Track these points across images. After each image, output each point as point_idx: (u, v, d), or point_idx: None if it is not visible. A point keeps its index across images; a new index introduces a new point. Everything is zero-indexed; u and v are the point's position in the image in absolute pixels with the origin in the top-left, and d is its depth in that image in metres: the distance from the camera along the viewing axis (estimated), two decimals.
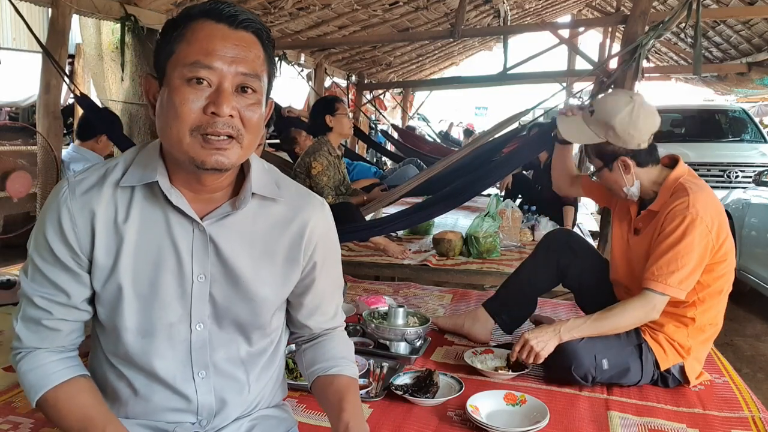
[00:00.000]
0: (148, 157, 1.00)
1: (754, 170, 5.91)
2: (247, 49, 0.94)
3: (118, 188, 0.99)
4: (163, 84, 0.95)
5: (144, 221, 0.99)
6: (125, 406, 1.06)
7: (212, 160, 0.92)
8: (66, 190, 0.98)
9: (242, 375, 1.10)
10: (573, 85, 6.09)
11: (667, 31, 3.38)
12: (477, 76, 8.83)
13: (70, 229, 0.97)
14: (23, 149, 4.07)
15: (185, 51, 0.92)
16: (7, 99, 6.81)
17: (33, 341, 1.01)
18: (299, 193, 1.11)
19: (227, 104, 0.91)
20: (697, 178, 1.89)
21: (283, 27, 5.89)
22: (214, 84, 0.92)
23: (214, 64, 0.91)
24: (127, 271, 0.99)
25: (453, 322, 2.24)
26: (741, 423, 1.64)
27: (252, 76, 0.94)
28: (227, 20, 0.93)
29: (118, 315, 1.01)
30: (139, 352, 1.02)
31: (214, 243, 1.01)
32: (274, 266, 1.07)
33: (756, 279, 3.92)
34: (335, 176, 3.42)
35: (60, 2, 3.18)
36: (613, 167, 1.88)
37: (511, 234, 3.63)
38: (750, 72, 7.64)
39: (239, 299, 1.05)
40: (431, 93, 12.58)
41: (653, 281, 1.74)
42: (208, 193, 1.01)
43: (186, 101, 0.91)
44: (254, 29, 0.96)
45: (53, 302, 1.00)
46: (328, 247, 1.14)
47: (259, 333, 1.10)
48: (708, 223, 1.73)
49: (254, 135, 0.97)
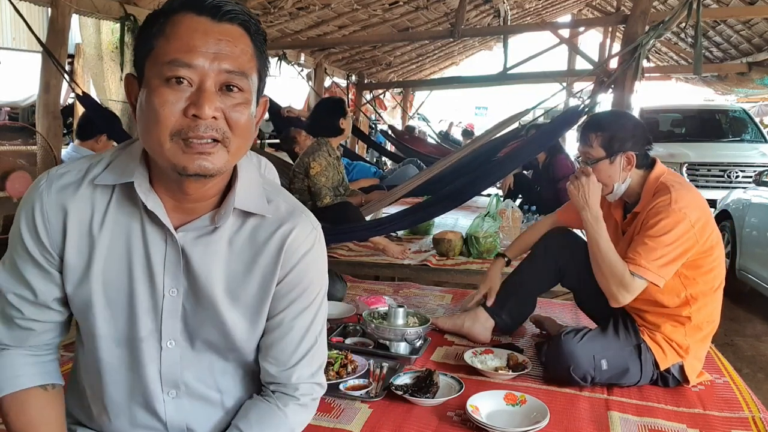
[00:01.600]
0: (129, 156, 0.93)
1: (754, 170, 5.90)
2: (232, 43, 0.85)
3: (97, 188, 0.93)
4: (142, 84, 0.87)
5: (119, 225, 0.93)
6: (99, 420, 1.02)
7: (195, 166, 0.84)
8: (44, 183, 0.92)
9: (216, 395, 1.02)
10: (573, 84, 6.10)
11: (667, 30, 3.38)
12: (477, 76, 8.85)
13: (42, 225, 0.92)
14: (23, 149, 4.07)
15: (164, 48, 0.84)
16: (7, 99, 6.81)
17: (7, 338, 0.97)
18: (290, 211, 0.99)
19: (209, 105, 0.83)
20: (677, 176, 1.90)
21: (283, 27, 5.90)
22: (195, 83, 0.83)
23: (195, 62, 0.83)
24: (99, 277, 0.93)
25: (453, 322, 2.24)
26: (741, 423, 1.63)
27: (238, 73, 0.85)
28: (209, 12, 0.84)
29: (90, 320, 0.95)
30: (110, 361, 0.97)
31: (187, 257, 0.94)
32: (249, 289, 0.97)
33: (756, 279, 3.92)
34: (334, 177, 3.42)
35: (60, 2, 3.18)
36: (614, 160, 1.87)
37: (511, 234, 3.62)
38: (750, 72, 7.65)
39: (208, 320, 0.97)
40: (431, 93, 12.59)
41: (630, 264, 1.76)
42: (191, 202, 0.93)
43: (165, 103, 0.83)
44: (240, 21, 0.87)
45: (23, 300, 0.95)
46: (310, 277, 1.00)
47: (233, 355, 1.01)
48: (692, 218, 1.73)
49: (243, 139, 0.88)
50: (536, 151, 4.04)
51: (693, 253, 1.75)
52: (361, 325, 2.12)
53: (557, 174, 4.72)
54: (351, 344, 2.04)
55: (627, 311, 1.90)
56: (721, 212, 4.59)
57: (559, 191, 4.59)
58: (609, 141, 1.87)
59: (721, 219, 4.49)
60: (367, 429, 1.52)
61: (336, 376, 1.71)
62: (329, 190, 3.34)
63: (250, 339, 1.01)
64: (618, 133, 1.86)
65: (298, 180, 3.39)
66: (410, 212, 3.37)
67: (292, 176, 3.46)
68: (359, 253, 3.43)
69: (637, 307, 1.86)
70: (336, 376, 1.71)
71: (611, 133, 1.87)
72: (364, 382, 1.74)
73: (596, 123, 1.96)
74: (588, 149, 1.90)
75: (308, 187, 3.35)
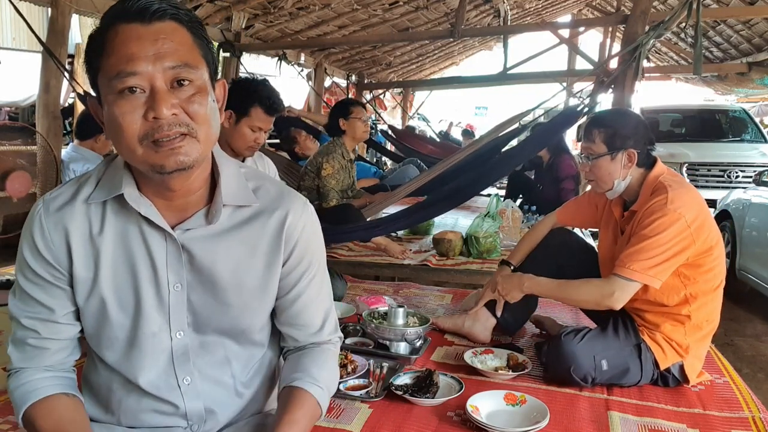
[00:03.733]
0: (114, 170, 0.98)
1: (754, 170, 5.90)
2: (168, 39, 0.87)
3: (91, 204, 0.97)
4: (101, 102, 0.90)
5: (118, 233, 0.98)
6: (117, 413, 1.06)
7: (171, 162, 0.87)
8: (41, 207, 0.97)
9: (229, 379, 1.08)
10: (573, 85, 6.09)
11: (667, 30, 3.38)
12: (477, 76, 8.84)
13: (44, 246, 0.96)
14: (23, 149, 4.07)
15: (107, 64, 0.86)
16: (7, 99, 6.80)
17: (23, 362, 1.01)
18: (280, 193, 1.05)
19: (165, 105, 0.85)
20: (676, 175, 1.90)
21: (283, 27, 5.90)
22: (147, 88, 0.86)
23: (138, 69, 0.85)
24: (108, 283, 0.98)
25: (453, 322, 2.24)
26: (741, 423, 1.63)
27: (182, 66, 0.87)
28: (137, 17, 0.86)
29: (103, 328, 1.00)
30: (125, 362, 1.01)
31: (188, 252, 0.99)
32: (255, 269, 1.03)
33: (756, 279, 3.92)
34: (344, 180, 3.43)
35: (60, 2, 3.18)
36: (615, 156, 1.87)
37: (511, 234, 3.62)
38: (750, 72, 7.64)
39: (218, 306, 1.02)
40: (431, 93, 12.58)
41: (618, 267, 1.77)
42: (180, 198, 0.97)
43: (124, 114, 0.86)
44: (170, 15, 0.88)
45: (38, 320, 0.99)
46: (312, 249, 1.08)
47: (243, 338, 1.08)
48: (688, 218, 1.73)
49: (208, 125, 0.91)
50: (535, 151, 4.04)
51: (691, 252, 1.75)
52: (361, 325, 2.12)
53: (561, 174, 4.72)
54: (351, 344, 2.04)
55: (627, 311, 1.90)
56: (721, 212, 4.59)
57: (562, 191, 4.59)
58: (611, 137, 1.87)
59: (721, 219, 4.49)
60: (367, 429, 1.52)
61: None
62: (337, 193, 3.36)
63: (257, 318, 1.07)
64: (621, 130, 1.87)
65: (308, 178, 3.40)
66: (410, 212, 3.38)
67: (303, 174, 3.48)
68: (359, 253, 3.43)
69: (637, 306, 1.86)
70: None
71: (614, 129, 1.87)
72: (364, 382, 1.74)
73: (600, 119, 1.97)
74: (590, 145, 1.91)
75: (317, 186, 3.35)
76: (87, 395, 1.08)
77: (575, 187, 4.70)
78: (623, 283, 1.76)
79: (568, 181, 4.68)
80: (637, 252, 1.74)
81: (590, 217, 2.17)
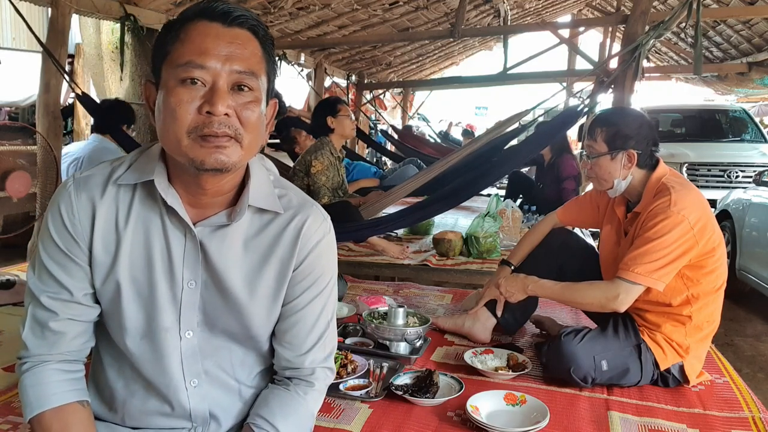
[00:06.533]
0: (148, 158, 1.00)
1: (754, 170, 5.91)
2: (242, 46, 0.91)
3: (121, 187, 0.99)
4: (159, 87, 0.93)
5: (141, 221, 0.99)
6: (121, 413, 1.06)
7: (212, 159, 0.90)
8: (71, 184, 0.99)
9: (235, 384, 1.08)
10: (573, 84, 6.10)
11: (667, 30, 3.38)
12: (477, 76, 8.85)
13: (69, 221, 0.97)
14: (23, 149, 4.07)
15: (179, 51, 0.90)
16: (7, 99, 6.80)
17: (39, 348, 1.00)
18: (302, 203, 1.06)
19: (222, 102, 0.88)
20: (680, 176, 1.89)
21: (283, 27, 5.90)
22: (209, 83, 0.89)
23: (207, 63, 0.89)
24: (125, 272, 0.99)
25: (453, 322, 2.24)
26: (741, 423, 1.63)
27: (248, 73, 0.91)
28: (221, 18, 0.91)
29: (117, 314, 1.00)
30: (135, 355, 1.01)
31: (205, 250, 0.99)
32: (266, 279, 1.03)
33: (756, 279, 3.92)
34: (334, 178, 3.42)
35: (60, 2, 3.18)
36: (616, 156, 1.87)
37: (511, 234, 3.62)
38: (750, 72, 7.64)
39: (228, 310, 1.02)
40: (431, 93, 12.59)
41: (622, 270, 1.77)
42: (208, 197, 0.98)
43: (181, 102, 0.89)
44: (249, 26, 0.93)
45: (58, 300, 0.99)
46: (322, 265, 1.06)
47: (251, 343, 1.07)
48: (691, 220, 1.73)
49: (255, 135, 0.94)
50: (535, 150, 4.03)
51: (694, 254, 1.75)
52: (361, 325, 2.12)
53: (562, 173, 4.71)
54: (351, 344, 2.04)
55: (628, 311, 1.90)
56: (721, 212, 4.59)
57: (563, 191, 4.59)
58: (612, 137, 1.87)
59: (721, 219, 4.49)
60: (367, 429, 1.52)
61: (336, 377, 1.71)
62: (328, 190, 3.35)
63: (266, 326, 1.06)
64: (623, 130, 1.87)
65: (298, 178, 3.39)
66: (410, 211, 3.37)
67: (292, 174, 3.46)
68: (359, 253, 3.43)
69: (638, 306, 1.86)
70: (336, 376, 1.71)
71: (616, 129, 1.87)
72: (364, 382, 1.74)
73: (604, 118, 1.97)
74: (592, 143, 1.92)
75: (308, 185, 3.35)
76: (92, 393, 1.08)
77: (576, 188, 4.69)
78: (627, 286, 1.76)
79: (570, 181, 4.68)
80: (641, 255, 1.74)
81: (591, 217, 2.16)
